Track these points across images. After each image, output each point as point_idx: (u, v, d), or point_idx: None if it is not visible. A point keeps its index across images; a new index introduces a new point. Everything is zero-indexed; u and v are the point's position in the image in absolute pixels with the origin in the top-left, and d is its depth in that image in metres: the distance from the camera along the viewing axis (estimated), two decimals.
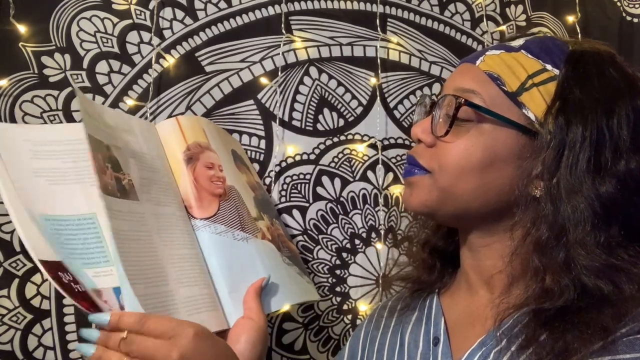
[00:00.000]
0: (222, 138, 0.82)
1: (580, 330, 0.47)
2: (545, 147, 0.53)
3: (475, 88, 0.57)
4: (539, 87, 0.55)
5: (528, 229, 0.54)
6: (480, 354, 0.55)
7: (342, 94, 0.97)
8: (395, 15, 1.02)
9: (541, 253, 0.52)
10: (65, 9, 0.86)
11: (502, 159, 0.55)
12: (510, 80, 0.56)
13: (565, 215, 0.51)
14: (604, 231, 0.51)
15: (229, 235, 0.71)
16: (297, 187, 0.93)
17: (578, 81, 0.55)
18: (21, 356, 0.79)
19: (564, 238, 0.51)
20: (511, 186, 0.55)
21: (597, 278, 0.49)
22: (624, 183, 0.51)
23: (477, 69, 0.58)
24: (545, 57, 0.57)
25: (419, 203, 0.59)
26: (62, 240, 0.57)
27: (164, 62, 0.90)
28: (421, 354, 0.62)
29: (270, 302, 0.71)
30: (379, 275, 0.95)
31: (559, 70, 0.56)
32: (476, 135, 0.56)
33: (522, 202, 0.54)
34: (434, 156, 0.58)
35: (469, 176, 0.56)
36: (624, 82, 0.55)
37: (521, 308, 0.53)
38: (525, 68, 0.56)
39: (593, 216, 0.51)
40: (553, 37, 0.61)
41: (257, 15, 0.95)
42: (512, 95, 0.56)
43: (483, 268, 0.60)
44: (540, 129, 0.54)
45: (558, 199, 0.52)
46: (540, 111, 0.54)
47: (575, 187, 0.51)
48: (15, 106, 0.82)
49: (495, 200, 0.56)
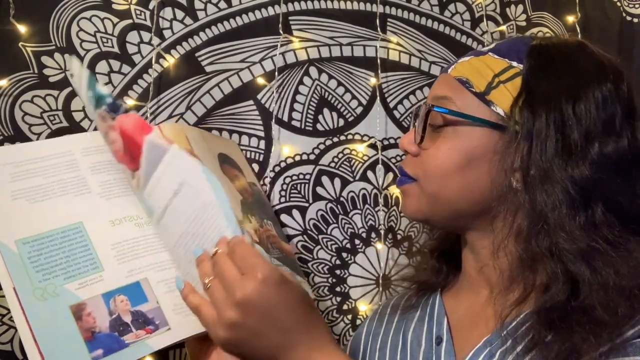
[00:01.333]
0: (210, 143, 0.82)
1: (587, 331, 0.47)
2: (515, 138, 0.55)
3: (447, 94, 0.60)
4: (505, 83, 0.57)
5: (510, 221, 0.55)
6: (486, 353, 0.55)
7: (342, 94, 0.97)
8: (395, 15, 1.02)
9: (525, 242, 0.54)
10: (65, 9, 0.86)
11: (479, 157, 0.57)
12: (478, 81, 0.58)
13: (542, 201, 0.53)
14: (583, 212, 0.52)
15: None
16: (296, 187, 0.93)
17: (540, 72, 0.56)
18: (21, 356, 0.79)
19: (544, 224, 0.52)
20: (492, 182, 0.56)
21: (578, 262, 0.50)
22: (600, 165, 0.52)
23: (449, 77, 0.61)
24: (512, 55, 0.59)
25: (413, 211, 0.62)
26: (41, 262, 0.59)
27: (164, 62, 0.90)
28: (424, 352, 0.63)
29: None
30: (379, 275, 0.95)
31: (522, 65, 0.57)
32: (452, 138, 0.58)
33: (502, 194, 0.55)
34: (419, 164, 0.61)
35: (452, 178, 0.58)
36: (592, 68, 0.56)
37: (521, 305, 0.54)
38: (492, 68, 0.58)
39: (569, 199, 0.52)
40: (522, 37, 0.63)
41: (257, 16, 0.95)
42: (481, 95, 0.58)
43: (485, 269, 0.61)
44: (509, 122, 0.55)
45: (533, 187, 0.53)
46: (508, 106, 0.56)
47: (547, 173, 0.53)
48: (15, 106, 0.82)
49: (482, 198, 0.57)
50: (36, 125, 0.83)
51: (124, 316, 0.59)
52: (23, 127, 0.82)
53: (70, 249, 0.61)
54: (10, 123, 0.82)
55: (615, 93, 0.55)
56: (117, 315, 0.58)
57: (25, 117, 0.83)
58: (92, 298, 0.58)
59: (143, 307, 0.60)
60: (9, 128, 0.82)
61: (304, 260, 0.92)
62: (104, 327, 0.57)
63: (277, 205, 0.92)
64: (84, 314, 0.57)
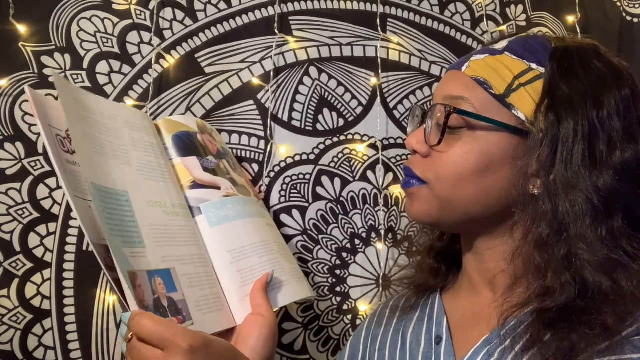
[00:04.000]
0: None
1: (586, 330, 0.47)
2: (539, 145, 0.53)
3: (463, 94, 0.57)
4: (526, 86, 0.56)
5: (528, 228, 0.54)
6: (484, 352, 0.55)
7: (342, 94, 0.97)
8: (395, 15, 1.02)
9: (542, 250, 0.52)
10: (65, 9, 0.86)
11: (498, 161, 0.55)
12: (497, 83, 0.56)
13: (564, 211, 0.51)
14: (604, 224, 0.51)
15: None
16: (296, 187, 0.93)
17: (564, 77, 0.55)
18: (21, 356, 0.79)
19: (565, 234, 0.51)
20: (510, 187, 0.55)
21: (597, 273, 0.49)
22: (622, 173, 0.51)
23: (464, 75, 0.59)
24: (530, 57, 0.57)
25: (422, 214, 0.60)
26: (106, 214, 0.54)
27: (164, 62, 0.90)
28: (423, 352, 0.62)
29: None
30: (379, 275, 0.95)
31: (544, 68, 0.56)
32: (469, 141, 0.56)
33: (521, 201, 0.54)
34: (430, 166, 0.59)
35: (467, 183, 0.56)
36: (609, 73, 0.55)
37: (524, 307, 0.53)
38: (510, 69, 0.57)
39: (592, 209, 0.51)
40: (535, 36, 0.61)
41: (257, 16, 0.95)
42: (500, 97, 0.56)
43: (486, 270, 0.61)
44: (532, 128, 0.54)
45: (556, 195, 0.52)
46: (530, 110, 0.55)
47: (572, 182, 0.51)
48: (15, 106, 0.82)
49: (496, 203, 0.56)
50: (36, 125, 0.83)
51: (162, 300, 0.57)
52: (23, 127, 0.83)
53: (122, 215, 0.57)
54: (10, 123, 0.82)
55: (633, 98, 0.54)
56: (157, 297, 0.57)
57: (25, 117, 0.83)
58: (141, 272, 0.55)
59: (174, 296, 0.59)
60: (9, 128, 0.82)
61: (304, 260, 0.92)
62: (150, 304, 0.55)
63: (276, 205, 0.92)
64: (137, 284, 0.54)
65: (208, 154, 0.77)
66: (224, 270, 0.68)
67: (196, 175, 0.73)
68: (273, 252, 0.73)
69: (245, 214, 0.74)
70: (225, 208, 0.72)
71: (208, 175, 0.74)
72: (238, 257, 0.69)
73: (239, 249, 0.70)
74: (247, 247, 0.71)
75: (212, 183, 0.74)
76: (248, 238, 0.72)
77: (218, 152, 0.80)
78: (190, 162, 0.74)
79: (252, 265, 0.70)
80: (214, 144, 0.81)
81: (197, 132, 0.79)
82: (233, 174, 0.79)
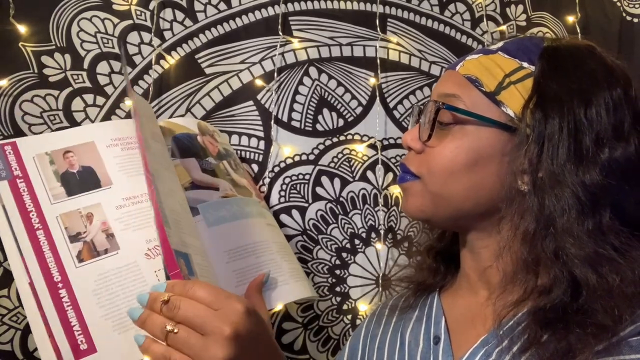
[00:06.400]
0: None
1: (583, 331, 0.47)
2: (526, 141, 0.54)
3: (455, 92, 0.59)
4: (516, 84, 0.56)
5: (516, 224, 0.55)
6: (482, 353, 0.55)
7: (341, 94, 0.97)
8: (395, 15, 1.02)
9: (531, 245, 0.53)
10: (66, 9, 0.86)
11: (487, 157, 0.56)
12: (488, 80, 0.58)
13: (551, 205, 0.52)
14: (591, 218, 0.51)
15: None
16: (296, 187, 0.93)
17: (553, 75, 0.56)
18: (21, 356, 0.79)
19: (552, 228, 0.52)
20: (500, 183, 0.56)
21: (585, 267, 0.50)
22: (609, 170, 0.52)
23: (457, 74, 0.60)
24: (522, 56, 0.58)
25: (415, 209, 0.61)
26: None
27: (165, 63, 0.90)
28: (421, 352, 0.63)
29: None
30: (378, 275, 0.95)
31: (534, 67, 0.57)
32: (459, 137, 0.58)
33: (510, 197, 0.55)
34: (423, 162, 0.60)
35: (457, 178, 0.57)
36: (601, 72, 0.56)
37: (519, 306, 0.54)
38: (502, 68, 0.58)
39: (578, 204, 0.51)
40: (531, 37, 0.62)
41: (257, 16, 0.95)
42: (491, 94, 0.57)
43: (483, 269, 0.61)
44: (520, 125, 0.55)
45: (543, 191, 0.53)
46: (519, 107, 0.55)
47: (558, 177, 0.52)
48: (15, 106, 0.83)
49: (487, 199, 0.57)
50: (36, 125, 0.83)
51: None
52: (23, 126, 0.83)
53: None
54: (10, 123, 0.82)
55: (625, 98, 0.55)
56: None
57: (25, 116, 0.83)
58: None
59: None
60: (9, 128, 0.82)
61: (303, 261, 0.92)
62: None
63: (276, 205, 0.92)
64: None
65: (208, 155, 0.78)
66: (220, 270, 0.68)
67: (195, 176, 0.74)
68: (271, 252, 0.73)
69: (243, 215, 0.74)
70: (223, 208, 0.72)
71: (206, 176, 0.75)
72: (234, 257, 0.70)
73: (235, 249, 0.70)
74: (244, 247, 0.71)
75: (211, 184, 0.75)
76: (245, 238, 0.72)
77: (219, 153, 0.80)
78: (189, 164, 0.75)
79: (248, 266, 0.70)
80: (214, 145, 0.81)
81: (198, 133, 0.80)
82: (234, 175, 0.80)
